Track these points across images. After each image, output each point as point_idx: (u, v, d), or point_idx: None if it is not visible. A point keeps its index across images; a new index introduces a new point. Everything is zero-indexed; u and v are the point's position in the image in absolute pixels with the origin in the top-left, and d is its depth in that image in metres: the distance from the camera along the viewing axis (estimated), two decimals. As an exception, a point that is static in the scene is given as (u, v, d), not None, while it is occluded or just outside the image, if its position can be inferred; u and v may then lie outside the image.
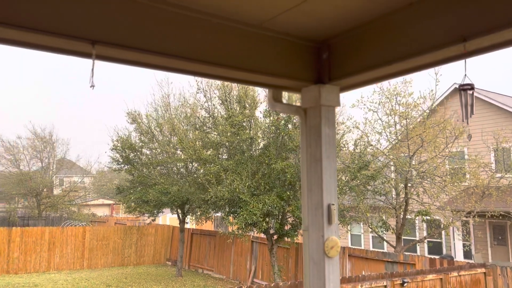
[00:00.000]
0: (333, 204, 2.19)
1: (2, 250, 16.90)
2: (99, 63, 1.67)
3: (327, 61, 2.24)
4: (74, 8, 1.44)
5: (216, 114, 13.63)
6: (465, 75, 1.72)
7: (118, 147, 16.62)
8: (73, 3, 1.44)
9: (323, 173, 2.19)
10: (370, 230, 14.67)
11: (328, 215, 2.16)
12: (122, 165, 16.98)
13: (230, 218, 12.48)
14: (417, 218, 14.93)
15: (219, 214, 15.03)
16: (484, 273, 8.73)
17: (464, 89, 1.76)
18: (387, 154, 13.04)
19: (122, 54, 1.57)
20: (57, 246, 18.12)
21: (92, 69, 1.48)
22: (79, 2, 1.45)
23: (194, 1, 1.68)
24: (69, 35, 1.43)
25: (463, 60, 1.90)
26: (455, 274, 8.22)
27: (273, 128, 11.78)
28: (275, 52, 2.13)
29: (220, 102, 13.26)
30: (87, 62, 1.50)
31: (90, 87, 1.41)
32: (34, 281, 15.35)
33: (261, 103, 12.70)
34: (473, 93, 1.76)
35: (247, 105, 12.48)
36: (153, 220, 17.88)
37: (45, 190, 27.10)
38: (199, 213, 15.59)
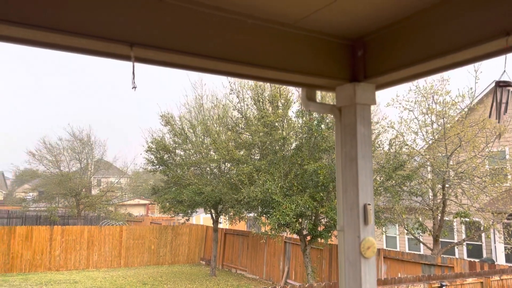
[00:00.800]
0: (369, 204, 2.16)
1: (45, 248, 17.60)
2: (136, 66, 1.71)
3: (362, 59, 2.21)
4: (113, 12, 1.48)
5: (248, 115, 13.69)
6: (504, 71, 1.65)
7: (152, 149, 16.98)
8: (112, 7, 1.48)
9: (358, 172, 2.16)
10: (406, 232, 14.34)
11: (364, 215, 2.13)
12: (157, 166, 17.33)
13: (263, 218, 12.50)
14: (455, 220, 14.46)
15: (252, 214, 15.09)
16: (529, 278, 8.35)
17: (501, 85, 1.69)
18: (423, 154, 12.70)
19: (159, 56, 1.60)
20: (95, 244, 18.69)
21: (133, 71, 1.52)
22: (118, 6, 1.49)
23: (229, 2, 1.69)
24: (108, 38, 1.48)
25: (504, 56, 1.82)
26: (496, 278, 7.90)
27: (306, 128, 11.71)
28: (309, 51, 2.11)
29: (253, 102, 13.30)
30: (119, 64, 1.53)
31: (132, 88, 1.45)
32: (74, 278, 15.90)
33: (294, 103, 12.65)
34: (510, 90, 1.69)
35: (280, 105, 12.46)
36: (187, 220, 18.15)
37: (83, 190, 28.02)
38: (232, 213, 15.71)
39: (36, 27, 1.34)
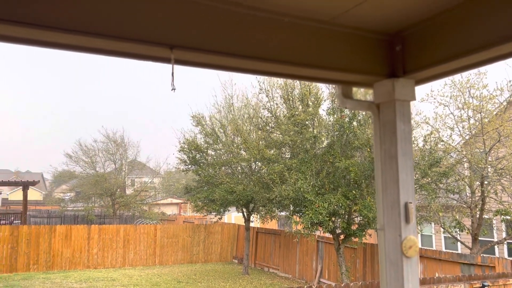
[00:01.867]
0: (411, 203, 2.11)
1: (83, 246, 18.18)
2: (165, 68, 1.74)
3: (400, 54, 2.16)
4: (153, 15, 1.50)
5: (278, 114, 13.67)
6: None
7: (185, 149, 17.22)
8: (152, 11, 1.51)
9: (399, 170, 2.11)
10: (442, 230, 13.96)
11: (406, 214, 2.08)
12: (189, 166, 17.56)
13: (295, 217, 12.45)
14: (495, 218, 13.96)
15: (283, 213, 15.06)
16: None
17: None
18: (460, 150, 12.32)
19: (197, 58, 1.62)
20: (131, 243, 19.14)
21: (172, 73, 1.54)
22: (158, 10, 1.52)
23: (266, 2, 1.69)
24: (149, 41, 1.50)
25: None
26: (542, 278, 7.56)
27: (337, 126, 11.58)
28: (345, 47, 2.09)
29: (283, 101, 13.27)
30: (150, 67, 1.55)
31: (172, 90, 1.47)
32: (112, 276, 16.34)
33: (324, 100, 12.54)
34: None
35: (310, 103, 12.37)
36: (220, 219, 18.31)
37: (118, 190, 28.74)
38: (263, 212, 15.74)
39: (81, 33, 1.38)
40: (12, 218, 26.98)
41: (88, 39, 1.42)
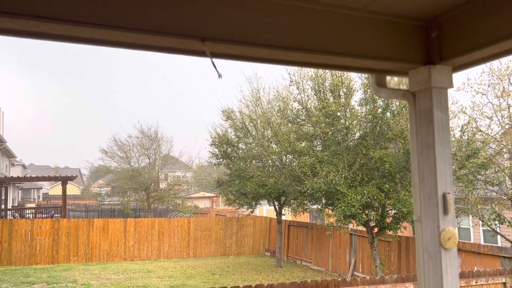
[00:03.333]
0: (449, 193, 2.04)
1: (120, 239, 18.72)
2: (197, 63, 1.74)
3: (437, 40, 2.09)
4: (184, 7, 1.51)
5: (309, 106, 13.55)
6: None
7: (216, 143, 17.39)
8: (182, 3, 1.51)
9: (436, 160, 2.05)
10: (481, 223, 13.52)
11: (444, 205, 2.02)
12: (221, 160, 17.73)
13: (327, 210, 12.36)
14: (538, 210, 13.38)
15: (315, 206, 14.98)
16: None
17: None
18: (499, 140, 11.85)
19: (229, 49, 1.62)
20: (165, 236, 19.56)
21: (213, 64, 1.56)
22: (188, 1, 1.52)
23: None
24: (181, 34, 1.51)
25: None
26: None
27: (370, 117, 11.37)
28: (379, 34, 2.04)
29: (313, 93, 13.14)
30: (187, 62, 1.56)
31: (218, 77, 1.51)
32: (148, 268, 16.76)
33: (357, 91, 12.33)
34: None
35: (342, 94, 12.19)
36: (252, 212, 18.42)
37: (152, 184, 29.37)
38: (295, 205, 15.71)
39: (115, 28, 1.41)
40: (53, 212, 28.11)
41: (121, 33, 1.45)
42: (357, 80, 12.41)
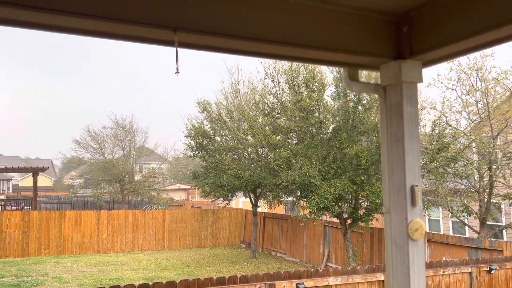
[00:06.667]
0: (417, 186, 2.10)
1: (93, 231, 18.44)
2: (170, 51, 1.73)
3: (407, 35, 2.12)
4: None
5: (284, 99, 13.60)
6: None
7: (192, 135, 17.28)
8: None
9: (405, 153, 2.10)
10: (450, 215, 13.94)
11: (412, 197, 2.07)
12: (196, 152, 17.64)
13: (302, 202, 12.50)
14: (503, 202, 13.89)
15: (290, 198, 15.12)
16: None
17: None
18: (468, 134, 12.21)
19: (201, 40, 1.60)
20: (140, 228, 19.37)
21: (176, 56, 1.53)
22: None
23: None
24: (152, 24, 1.49)
25: None
26: (549, 262, 7.55)
27: (342, 111, 11.51)
28: (352, 28, 2.05)
29: (288, 86, 13.19)
30: (160, 52, 1.54)
31: (175, 73, 1.46)
32: (121, 260, 16.58)
33: (329, 85, 12.44)
34: None
35: (315, 89, 12.28)
36: (227, 204, 18.44)
37: (127, 176, 28.97)
38: (270, 197, 15.81)
39: (84, 16, 1.37)
40: (23, 204, 27.38)
41: (92, 22, 1.41)
42: (329, 75, 12.52)
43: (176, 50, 1.50)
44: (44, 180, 56.71)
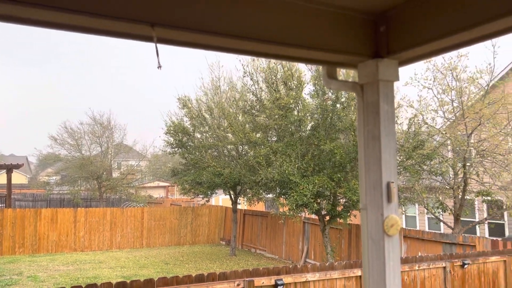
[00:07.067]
0: (393, 182, 2.14)
1: (69, 229, 18.11)
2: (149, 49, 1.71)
3: (385, 34, 2.16)
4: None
5: (263, 97, 13.63)
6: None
7: (171, 131, 17.14)
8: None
9: (382, 151, 2.13)
10: (426, 211, 14.24)
11: (388, 193, 2.11)
12: (176, 149, 17.52)
13: (281, 199, 12.57)
14: (476, 198, 14.27)
15: (270, 195, 15.18)
16: (553, 256, 8.22)
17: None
18: (443, 132, 12.49)
19: (180, 36, 1.59)
20: (118, 226, 19.13)
21: (156, 52, 1.52)
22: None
23: None
24: (129, 19, 1.47)
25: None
26: (520, 256, 7.81)
27: (320, 109, 11.61)
28: (330, 26, 2.08)
29: (266, 85, 13.21)
30: (137, 47, 1.53)
31: (158, 67, 1.46)
32: (99, 258, 16.36)
33: (307, 83, 12.53)
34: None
35: (294, 87, 12.34)
36: (207, 201, 18.39)
37: (104, 173, 28.54)
38: (250, 194, 15.84)
39: (60, 10, 1.34)
40: (-4, 201, 26.66)
41: (68, 16, 1.39)
42: (307, 73, 12.61)
43: (156, 46, 1.49)
44: (18, 177, 55.33)
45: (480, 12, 1.72)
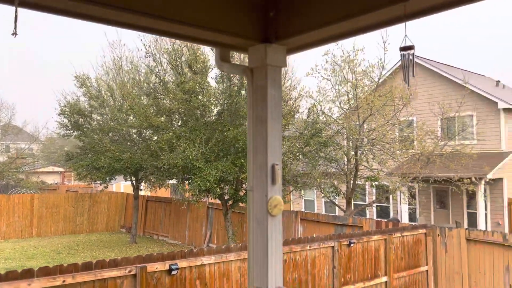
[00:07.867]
0: (277, 164, 2.21)
1: None
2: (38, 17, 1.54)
3: (274, 20, 2.20)
4: None
5: (167, 79, 13.27)
6: (406, 36, 1.74)
7: (66, 112, 15.95)
8: None
9: (268, 134, 2.19)
10: (322, 195, 15.13)
11: (272, 175, 2.18)
12: (71, 131, 16.37)
13: (185, 184, 12.45)
14: (366, 183, 15.54)
15: (173, 181, 14.94)
16: (425, 233, 9.30)
17: (405, 49, 1.78)
18: (339, 122, 13.32)
19: (46, 1, 1.45)
20: (3, 214, 17.44)
21: (15, 16, 1.37)
22: None
23: None
24: None
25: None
26: (398, 234, 8.70)
27: (226, 94, 11.67)
28: (222, 7, 2.06)
29: (171, 67, 12.87)
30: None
31: (12, 34, 1.30)
32: (-21, 251, 14.77)
33: (211, 68, 12.46)
34: (413, 53, 1.79)
35: (198, 71, 12.20)
36: (106, 187, 17.53)
37: (-12, 157, 25.73)
38: (153, 180, 15.43)
39: None
40: None
41: None
42: (211, 57, 12.52)
43: (16, 10, 1.34)
44: None
45: (360, 3, 1.82)
